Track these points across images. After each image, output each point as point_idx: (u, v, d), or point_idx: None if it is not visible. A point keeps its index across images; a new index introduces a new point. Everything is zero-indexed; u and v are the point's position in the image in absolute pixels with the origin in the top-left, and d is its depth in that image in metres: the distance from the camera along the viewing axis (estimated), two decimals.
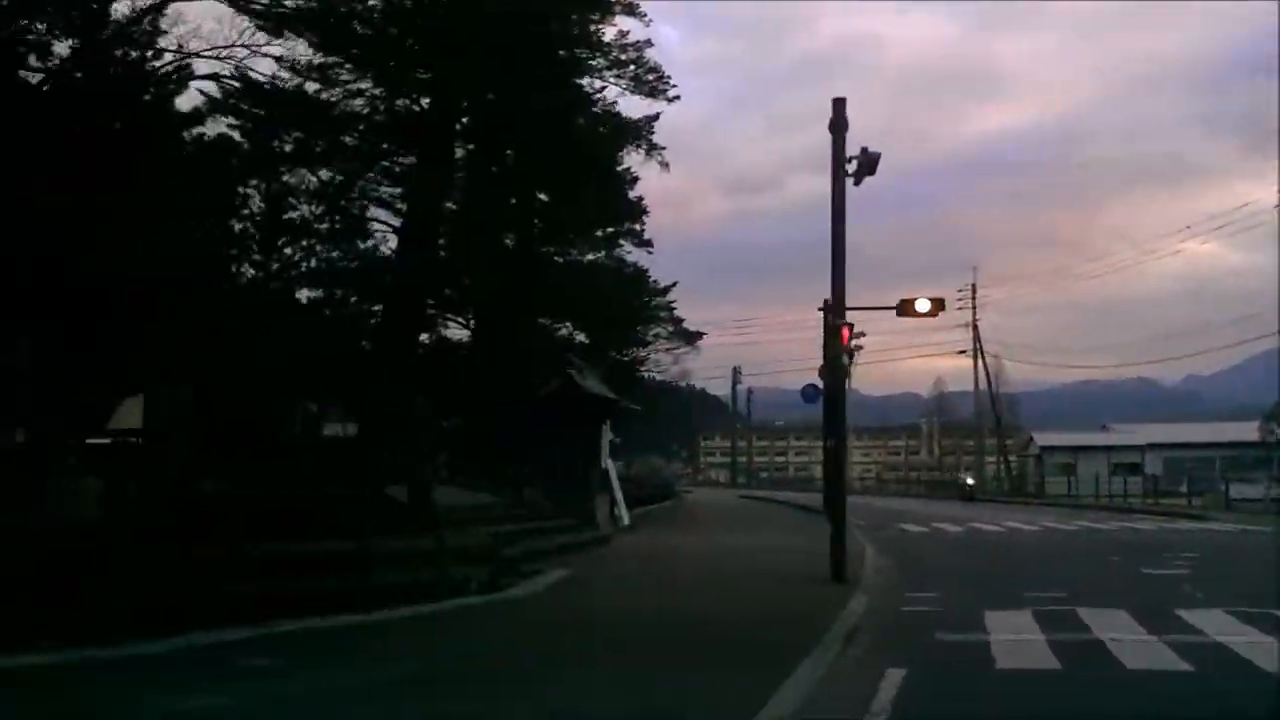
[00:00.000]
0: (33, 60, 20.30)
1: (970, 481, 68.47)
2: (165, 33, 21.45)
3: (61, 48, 20.54)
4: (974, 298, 71.37)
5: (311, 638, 12.41)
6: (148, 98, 22.11)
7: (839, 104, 20.40)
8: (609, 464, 31.00)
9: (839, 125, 20.24)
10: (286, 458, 22.61)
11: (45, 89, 20.14)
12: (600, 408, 29.85)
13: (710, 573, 20.68)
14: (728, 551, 24.75)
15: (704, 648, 12.30)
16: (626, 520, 30.58)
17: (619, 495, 31.26)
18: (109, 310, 21.63)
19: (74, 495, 22.37)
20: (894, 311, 22.81)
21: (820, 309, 41.17)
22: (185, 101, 25.57)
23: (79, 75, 20.64)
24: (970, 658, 11.76)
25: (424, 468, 20.17)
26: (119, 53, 21.12)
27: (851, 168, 20.29)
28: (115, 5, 21.11)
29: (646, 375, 46.08)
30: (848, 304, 21.00)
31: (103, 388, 30.24)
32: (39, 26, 20.63)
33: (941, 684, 10.67)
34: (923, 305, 22.10)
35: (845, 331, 20.06)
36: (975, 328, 72.09)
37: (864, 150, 20.38)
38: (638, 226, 40.88)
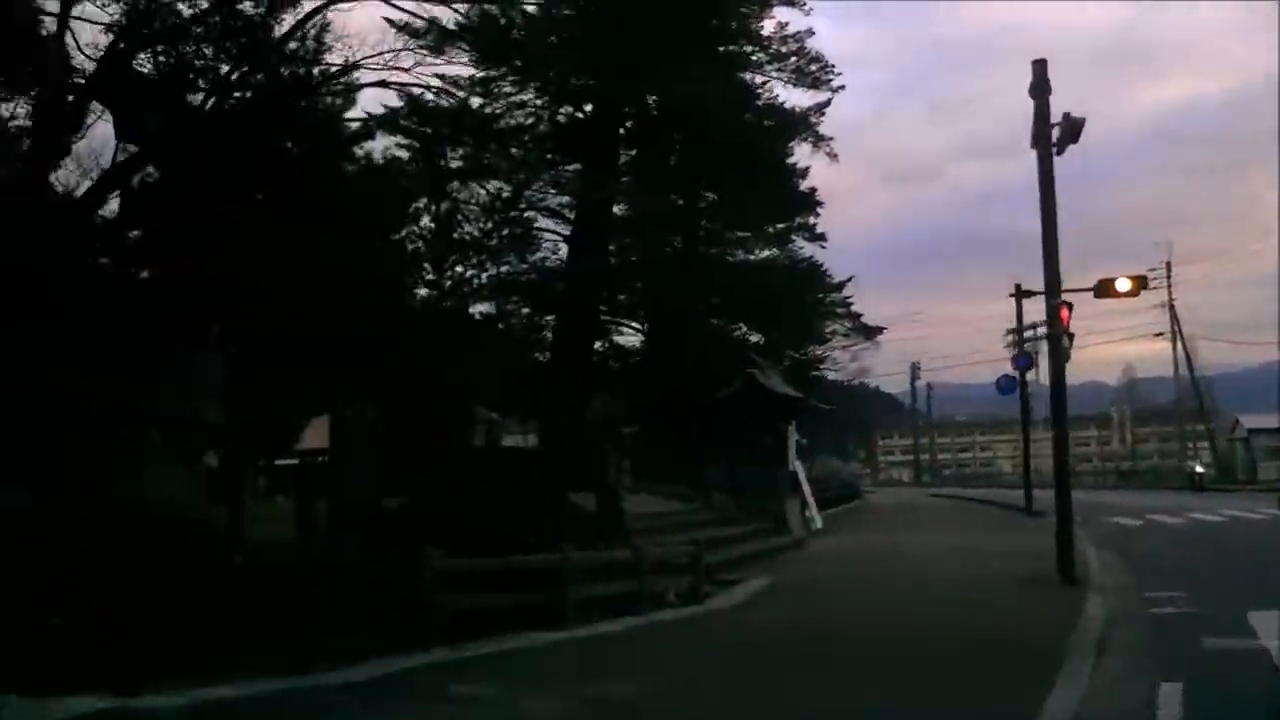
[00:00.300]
0: (201, 83, 20.47)
1: (1199, 469, 63.95)
2: (330, 48, 21.31)
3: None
4: (1169, 276, 67.02)
5: (513, 659, 11.61)
6: (317, 115, 22.06)
7: (1040, 66, 18.91)
8: (797, 465, 29.78)
9: (1041, 88, 18.73)
10: (470, 470, 22.14)
11: (212, 110, 20.19)
12: (785, 407, 28.66)
13: (922, 576, 19.32)
14: (934, 553, 23.23)
15: (940, 659, 11.11)
16: (819, 523, 29.31)
17: (810, 497, 30.01)
18: (293, 330, 21.64)
19: (267, 519, 22.48)
20: (1092, 293, 21.07)
21: (1011, 294, 39.42)
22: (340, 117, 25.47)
23: (247, 95, 20.63)
24: (1251, 667, 10.29)
25: (610, 475, 19.38)
26: (286, 71, 21.05)
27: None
28: (277, 28, 21.09)
29: (824, 374, 44.60)
30: (1036, 289, 19.30)
31: (289, 408, 30.67)
32: (206, 50, 20.77)
33: (1229, 700, 9.25)
34: (1123, 285, 20.52)
35: (1065, 312, 18.42)
36: (1172, 308, 67.84)
37: (1066, 116, 18.93)
38: (811, 220, 39.63)
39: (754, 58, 38.17)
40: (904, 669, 10.72)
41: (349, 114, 24.52)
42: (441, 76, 24.87)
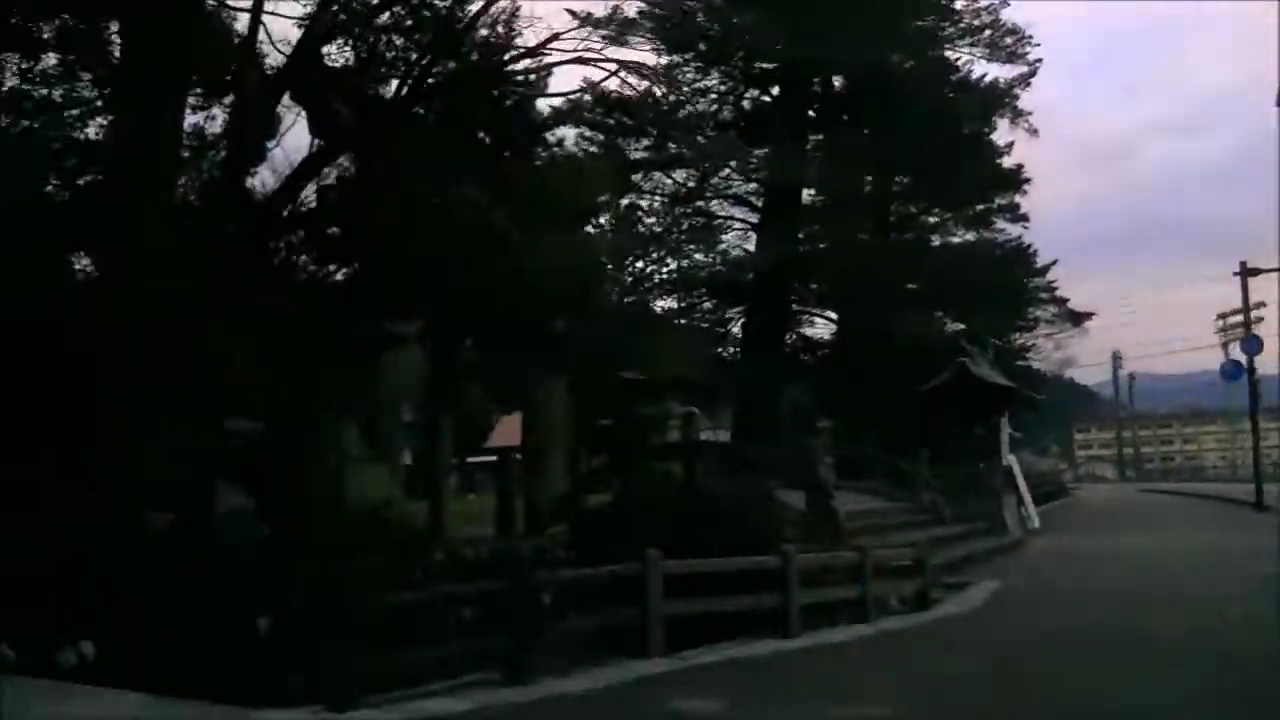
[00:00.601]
0: (391, 73, 20.25)
1: None
2: (520, 33, 20.77)
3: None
4: None
5: (739, 671, 10.55)
6: (509, 103, 21.58)
7: None
8: (1011, 460, 27.88)
9: None
10: (670, 466, 21.26)
11: (403, 101, 19.87)
12: (999, 398, 26.80)
13: (1169, 579, 17.40)
14: (1172, 553, 21.13)
15: (1235, 677, 9.55)
16: (1036, 522, 27.36)
17: (1026, 494, 28.06)
18: (489, 325, 21.23)
19: (463, 516, 22.17)
20: None
21: (1237, 273, 36.47)
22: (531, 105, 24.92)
23: (438, 83, 20.23)
24: None
25: (818, 471, 18.20)
26: (475, 57, 20.60)
27: None
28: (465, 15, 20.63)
29: (1030, 364, 42.04)
30: (1261, 267, 17.20)
31: (484, 405, 30.53)
32: (395, 40, 20.54)
33: None
34: None
35: None
36: None
37: None
38: (1016, 198, 37.39)
39: (946, 32, 36.38)
40: (1195, 685, 9.26)
41: (538, 102, 24.09)
42: (623, 63, 23.92)
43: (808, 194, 36.91)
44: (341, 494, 17.35)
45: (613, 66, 22.19)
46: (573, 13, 27.71)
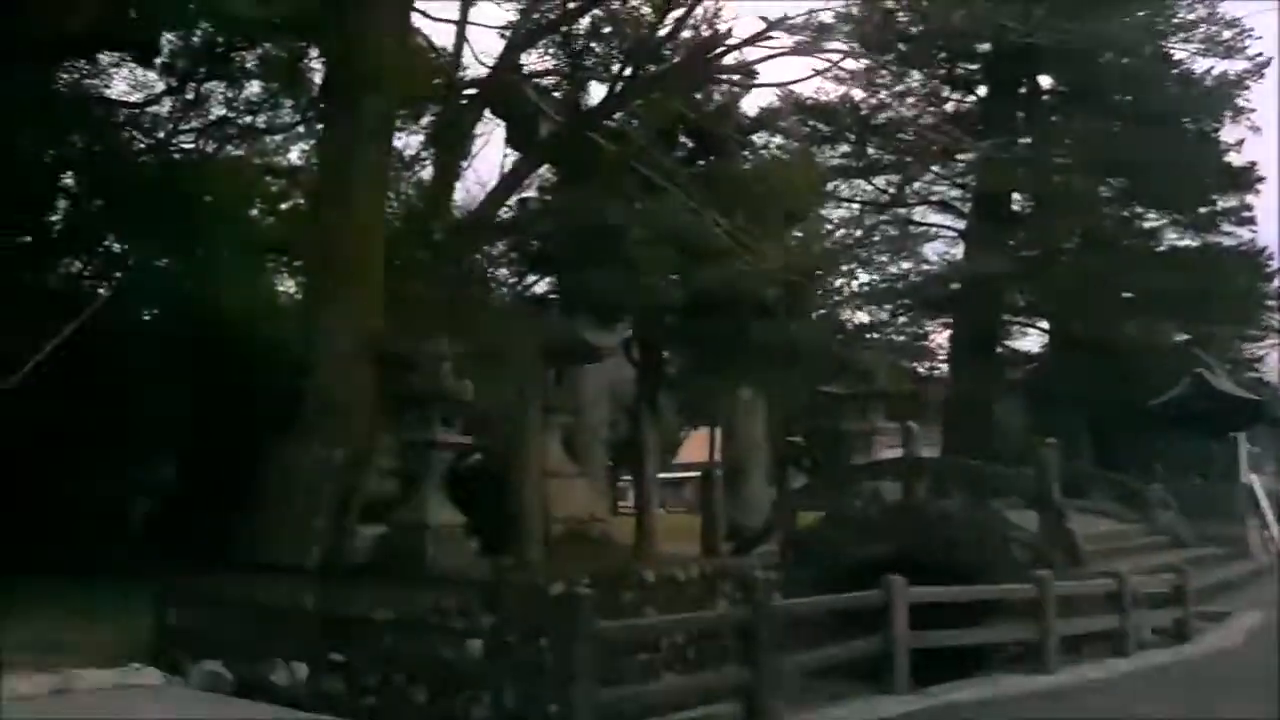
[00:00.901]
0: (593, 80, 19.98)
1: None
2: (727, 34, 20.13)
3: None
4: None
5: (1002, 710, 9.44)
6: (711, 107, 21.01)
7: None
8: (1252, 479, 25.60)
9: None
10: (878, 483, 20.14)
11: (605, 108, 19.49)
12: (1240, 412, 24.60)
13: None
14: None
15: None
16: None
17: (1270, 516, 25.71)
18: (689, 336, 20.67)
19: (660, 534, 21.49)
20: None
21: None
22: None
23: (638, 88, 19.76)
24: None
25: (1051, 491, 16.79)
26: (677, 59, 20.07)
27: None
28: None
29: (1261, 377, 38.78)
30: None
31: (671, 420, 29.95)
32: (595, 46, 20.25)
33: None
34: None
35: None
36: None
37: None
38: (1248, 199, 34.56)
39: (1159, 27, 34.07)
40: None
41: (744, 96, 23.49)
42: (846, 51, 22.91)
43: (1017, 199, 35.16)
44: (548, 509, 16.89)
45: (827, 61, 21.10)
46: (766, 19, 27.03)
